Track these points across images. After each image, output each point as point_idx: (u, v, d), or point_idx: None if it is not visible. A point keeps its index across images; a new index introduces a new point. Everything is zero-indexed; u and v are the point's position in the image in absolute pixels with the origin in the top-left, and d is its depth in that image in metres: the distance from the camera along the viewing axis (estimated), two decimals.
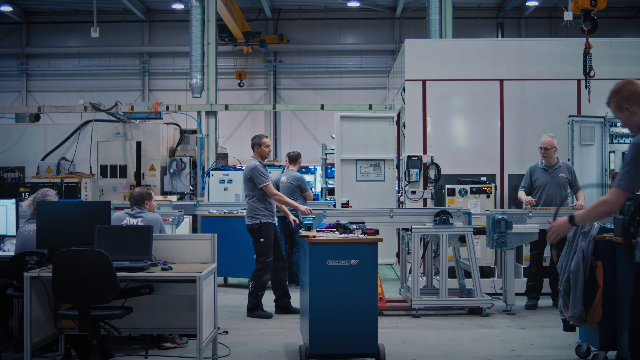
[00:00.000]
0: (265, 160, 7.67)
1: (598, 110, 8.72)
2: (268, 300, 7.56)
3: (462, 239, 7.41)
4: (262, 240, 7.31)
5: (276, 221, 8.23)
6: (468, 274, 7.63)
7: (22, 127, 15.58)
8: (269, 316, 7.32)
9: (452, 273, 7.90)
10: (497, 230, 7.33)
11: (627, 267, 5.01)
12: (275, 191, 7.44)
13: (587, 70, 8.28)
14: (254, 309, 7.35)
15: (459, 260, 7.87)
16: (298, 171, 9.43)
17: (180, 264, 5.32)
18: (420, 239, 7.56)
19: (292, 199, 9.02)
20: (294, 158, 9.49)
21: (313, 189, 14.97)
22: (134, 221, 6.02)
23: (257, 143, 7.55)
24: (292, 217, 7.86)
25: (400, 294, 8.17)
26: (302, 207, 7.44)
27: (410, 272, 7.55)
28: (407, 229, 7.71)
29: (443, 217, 7.34)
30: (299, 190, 9.23)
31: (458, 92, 9.19)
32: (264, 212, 7.34)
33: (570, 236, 5.48)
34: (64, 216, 5.41)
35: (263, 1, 19.54)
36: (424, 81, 9.11)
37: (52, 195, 5.99)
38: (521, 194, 8.03)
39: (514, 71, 9.12)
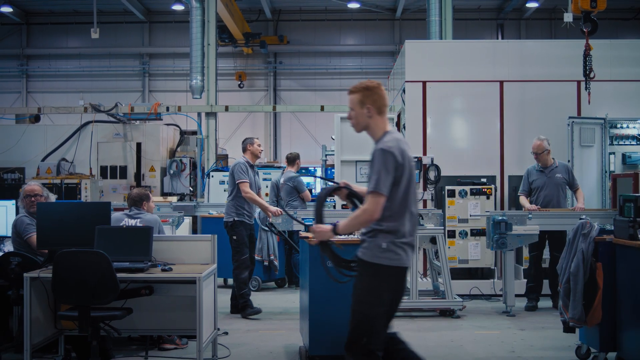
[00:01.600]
0: (258, 159, 7.74)
1: (598, 112, 8.73)
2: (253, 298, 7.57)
3: (433, 240, 7.40)
4: (234, 237, 7.33)
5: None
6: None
7: (22, 128, 15.56)
8: (258, 311, 7.34)
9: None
10: (497, 231, 7.34)
11: (626, 267, 5.01)
12: (248, 189, 7.34)
13: (587, 72, 8.27)
14: (244, 309, 7.35)
15: (432, 261, 7.87)
16: (297, 172, 9.45)
17: (180, 265, 5.32)
18: None
19: (289, 200, 9.15)
20: (291, 159, 9.51)
21: (313, 190, 14.94)
22: (132, 222, 6.01)
23: (249, 142, 7.69)
24: (270, 218, 7.90)
25: None
26: (272, 209, 7.46)
27: None
28: None
29: None
30: (295, 191, 9.24)
31: (458, 93, 9.18)
32: (238, 211, 7.36)
33: (570, 238, 5.49)
34: (64, 217, 5.41)
35: (263, 2, 19.55)
36: (424, 82, 9.10)
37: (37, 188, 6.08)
38: (523, 200, 7.98)
39: (514, 72, 9.11)
